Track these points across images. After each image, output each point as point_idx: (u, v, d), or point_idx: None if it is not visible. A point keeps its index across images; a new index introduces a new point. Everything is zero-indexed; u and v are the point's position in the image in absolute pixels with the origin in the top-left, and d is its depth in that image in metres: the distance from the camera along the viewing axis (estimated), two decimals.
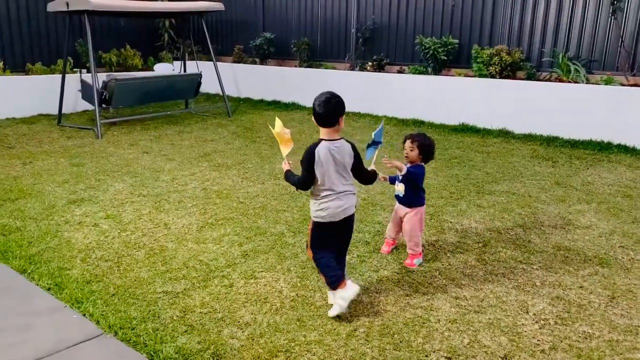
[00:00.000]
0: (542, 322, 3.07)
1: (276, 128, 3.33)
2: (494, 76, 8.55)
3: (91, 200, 5.11)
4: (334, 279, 3.08)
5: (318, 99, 3.03)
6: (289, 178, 3.24)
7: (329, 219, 3.11)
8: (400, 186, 3.76)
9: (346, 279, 3.16)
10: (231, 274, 3.63)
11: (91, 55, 8.33)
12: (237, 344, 2.84)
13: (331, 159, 3.03)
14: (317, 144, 3.06)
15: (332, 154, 3.03)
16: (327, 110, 3.00)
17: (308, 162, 3.04)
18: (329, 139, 3.06)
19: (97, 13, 8.86)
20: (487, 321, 3.08)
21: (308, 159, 3.04)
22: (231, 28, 13.09)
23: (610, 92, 7.38)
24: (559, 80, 8.08)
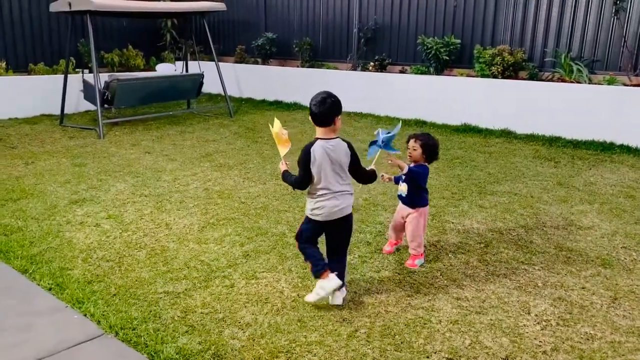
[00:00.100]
0: (544, 323, 3.06)
1: (275, 128, 3.35)
2: (496, 76, 8.53)
3: (93, 200, 5.12)
4: (318, 267, 3.17)
5: (314, 98, 3.07)
6: (286, 178, 3.27)
7: (324, 218, 3.12)
8: (403, 186, 3.76)
9: (345, 281, 3.18)
10: (232, 274, 3.63)
11: (93, 56, 8.34)
12: (238, 344, 2.84)
13: (327, 157, 3.04)
14: (312, 143, 3.09)
15: (328, 152, 3.05)
16: (322, 109, 3.03)
17: (304, 162, 3.07)
18: (324, 138, 3.08)
19: (99, 13, 8.88)
20: (488, 322, 3.07)
21: (304, 158, 3.07)
22: (233, 28, 13.10)
23: (612, 92, 7.36)
24: (561, 81, 8.06)
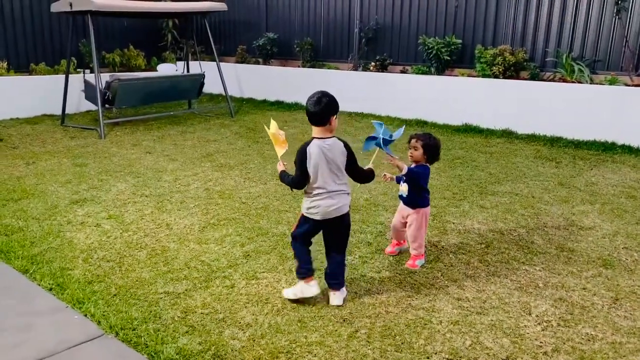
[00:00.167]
0: (545, 323, 3.06)
1: (271, 129, 3.35)
2: (497, 76, 8.52)
3: (93, 200, 5.12)
4: (302, 270, 3.25)
5: (310, 98, 3.09)
6: (283, 178, 3.29)
7: (320, 217, 3.13)
8: (403, 186, 3.75)
9: (344, 284, 3.24)
10: (233, 274, 3.63)
11: (94, 56, 8.35)
12: (238, 344, 2.84)
13: (323, 157, 3.06)
14: (308, 142, 3.11)
15: (324, 152, 3.06)
16: (318, 109, 3.04)
17: (300, 161, 3.09)
18: (320, 137, 3.09)
19: (100, 13, 8.87)
20: (489, 322, 3.06)
21: (300, 157, 3.09)
22: (234, 28, 13.09)
23: (614, 92, 7.35)
24: (562, 81, 8.05)
